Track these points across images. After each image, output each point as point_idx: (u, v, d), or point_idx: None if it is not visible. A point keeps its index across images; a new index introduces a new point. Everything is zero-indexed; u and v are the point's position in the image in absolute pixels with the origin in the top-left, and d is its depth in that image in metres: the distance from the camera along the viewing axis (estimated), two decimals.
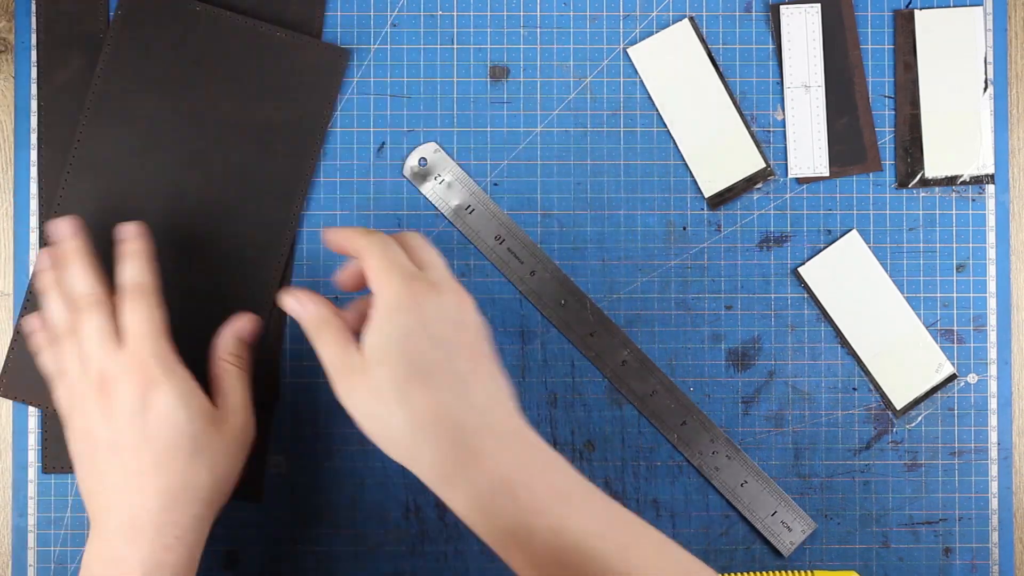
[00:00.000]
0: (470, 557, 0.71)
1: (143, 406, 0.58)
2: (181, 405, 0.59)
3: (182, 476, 0.58)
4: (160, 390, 0.59)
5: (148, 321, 0.61)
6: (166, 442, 0.58)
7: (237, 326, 0.66)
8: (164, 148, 0.70)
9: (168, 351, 0.60)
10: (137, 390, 0.59)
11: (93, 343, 0.60)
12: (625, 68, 0.72)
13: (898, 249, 0.72)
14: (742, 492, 0.71)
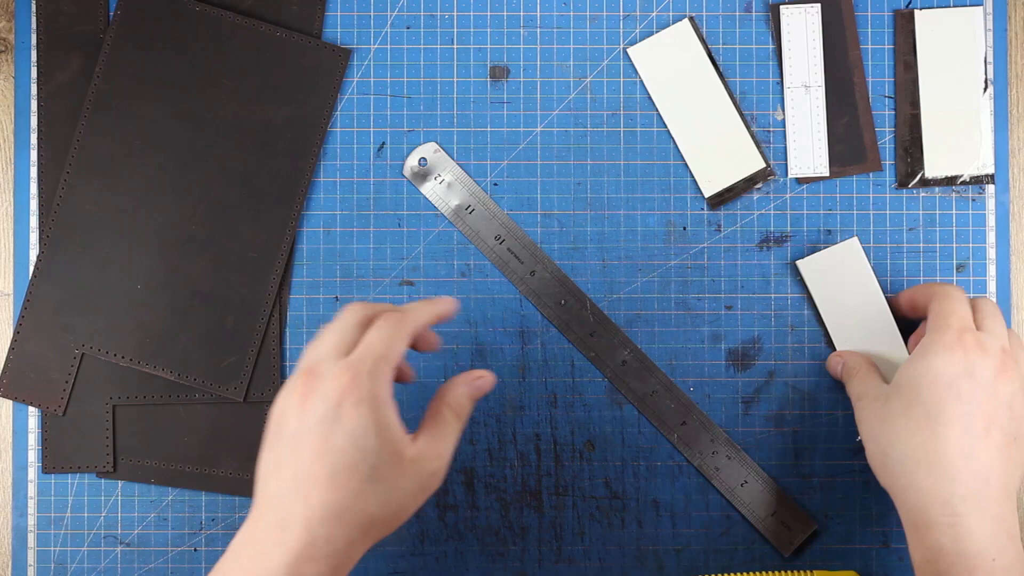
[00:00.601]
0: (470, 557, 0.71)
1: (336, 416, 0.55)
2: (373, 431, 0.55)
3: (350, 498, 0.55)
4: (359, 408, 0.55)
5: (384, 343, 0.57)
6: (345, 460, 0.55)
7: (477, 383, 0.62)
8: (164, 148, 0.70)
9: (386, 379, 0.57)
10: (337, 398, 0.55)
11: (328, 337, 0.58)
12: (625, 68, 0.72)
13: (898, 249, 0.72)
14: (742, 492, 0.71)
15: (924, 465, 0.59)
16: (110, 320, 0.70)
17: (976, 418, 0.59)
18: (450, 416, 0.60)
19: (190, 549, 0.71)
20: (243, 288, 0.71)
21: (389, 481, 0.56)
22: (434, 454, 0.58)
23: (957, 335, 0.60)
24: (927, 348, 0.61)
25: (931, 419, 0.59)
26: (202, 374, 0.70)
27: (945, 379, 0.60)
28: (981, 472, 0.59)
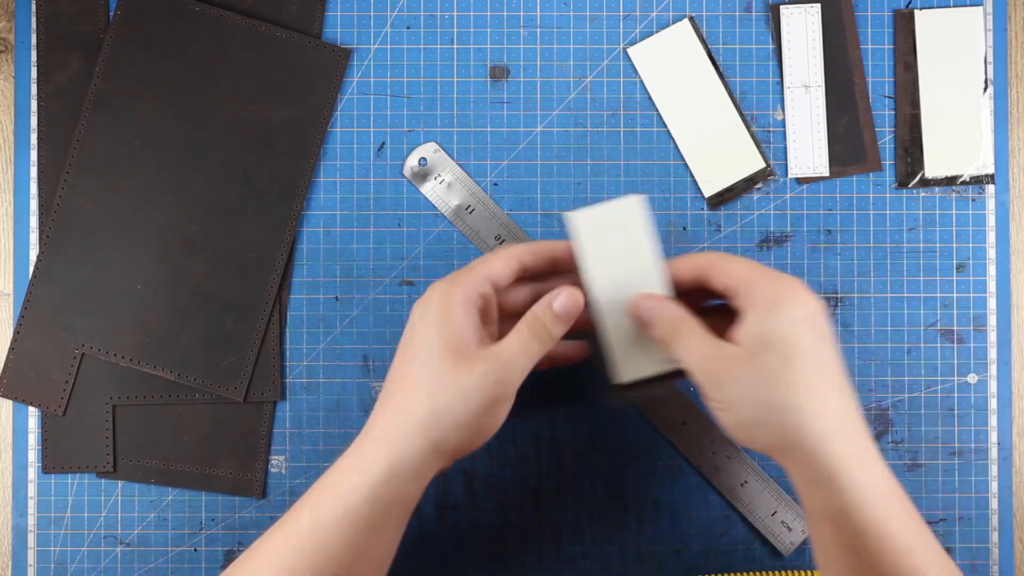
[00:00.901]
0: (470, 557, 0.71)
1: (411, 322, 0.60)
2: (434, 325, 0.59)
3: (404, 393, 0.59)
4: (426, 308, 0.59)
5: (478, 261, 0.61)
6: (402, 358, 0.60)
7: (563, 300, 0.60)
8: (164, 148, 0.70)
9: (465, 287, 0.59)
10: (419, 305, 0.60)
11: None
12: (625, 68, 0.72)
13: (898, 249, 0.72)
14: (742, 492, 0.71)
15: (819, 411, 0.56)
16: (110, 320, 0.70)
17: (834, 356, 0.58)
18: (526, 330, 0.60)
19: (190, 549, 0.71)
20: (243, 288, 0.71)
21: (449, 378, 0.58)
22: (500, 362, 0.59)
23: (790, 283, 0.58)
24: (774, 300, 0.57)
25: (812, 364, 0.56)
26: (202, 374, 0.70)
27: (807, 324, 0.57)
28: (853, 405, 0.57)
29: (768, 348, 0.56)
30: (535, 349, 0.59)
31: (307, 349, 0.71)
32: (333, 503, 0.58)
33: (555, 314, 0.60)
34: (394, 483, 0.58)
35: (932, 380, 0.72)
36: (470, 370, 0.58)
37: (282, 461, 0.71)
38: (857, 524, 0.55)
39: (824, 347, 0.57)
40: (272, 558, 0.58)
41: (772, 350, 0.56)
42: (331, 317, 0.72)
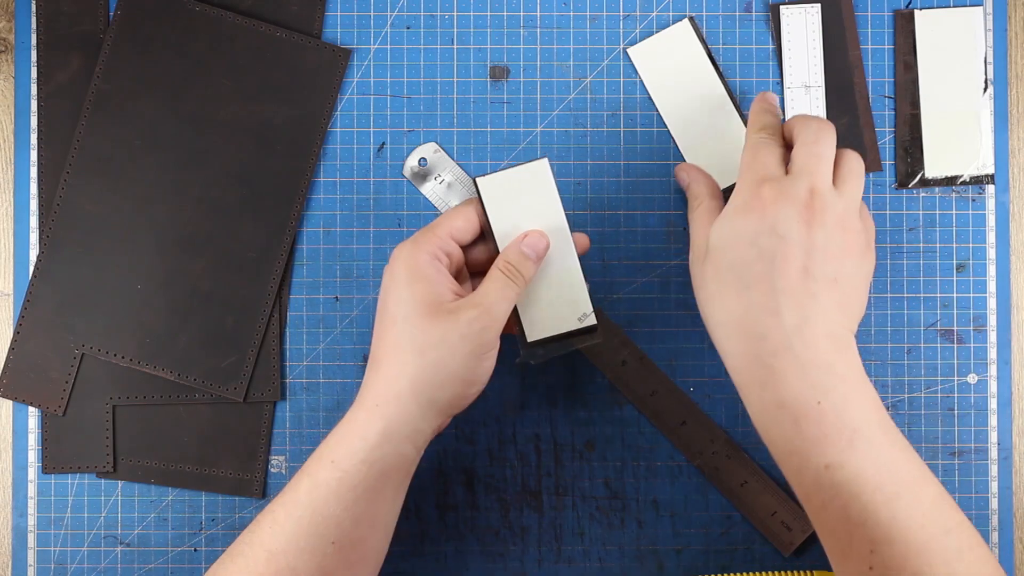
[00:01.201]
0: (470, 557, 0.71)
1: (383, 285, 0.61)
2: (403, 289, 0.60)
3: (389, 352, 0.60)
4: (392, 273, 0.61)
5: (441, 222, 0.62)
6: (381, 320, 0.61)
7: (530, 240, 0.63)
8: (164, 148, 0.70)
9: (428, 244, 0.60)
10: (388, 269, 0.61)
11: None
12: (625, 68, 0.72)
13: (898, 249, 0.72)
14: (742, 492, 0.71)
15: (735, 329, 0.59)
16: (110, 320, 0.70)
17: (783, 272, 0.58)
18: (499, 274, 0.61)
19: (190, 549, 0.71)
20: (243, 288, 0.71)
21: (428, 331, 0.59)
22: (478, 309, 0.59)
23: (754, 190, 0.59)
24: (728, 206, 0.60)
25: (738, 281, 0.58)
26: (202, 374, 0.70)
27: (746, 238, 0.58)
28: (791, 324, 0.57)
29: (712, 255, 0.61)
30: (511, 292, 0.61)
31: (307, 349, 0.71)
32: (330, 470, 0.58)
33: (524, 254, 0.62)
34: (390, 446, 0.59)
35: (932, 380, 0.72)
36: (453, 321, 0.59)
37: (282, 461, 0.71)
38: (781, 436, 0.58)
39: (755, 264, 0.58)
40: (273, 528, 0.59)
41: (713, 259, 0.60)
42: (331, 317, 0.72)
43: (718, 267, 0.60)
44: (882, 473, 0.56)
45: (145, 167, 0.70)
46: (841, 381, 0.57)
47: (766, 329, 0.58)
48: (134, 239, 0.70)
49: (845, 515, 0.55)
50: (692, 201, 0.66)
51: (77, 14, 0.71)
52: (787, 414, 0.57)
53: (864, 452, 0.56)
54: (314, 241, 0.72)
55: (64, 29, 0.71)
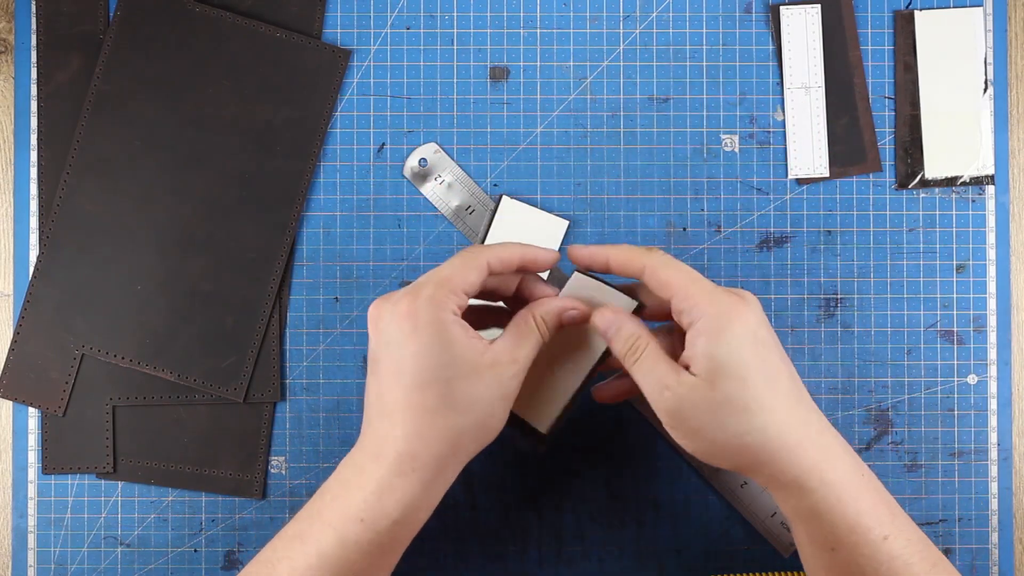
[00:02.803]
0: (470, 558, 0.71)
1: (400, 340, 0.57)
2: (439, 349, 0.57)
3: (429, 415, 0.57)
4: (418, 333, 0.57)
5: (449, 268, 0.59)
6: (417, 379, 0.57)
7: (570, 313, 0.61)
8: (164, 148, 0.70)
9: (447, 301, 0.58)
10: (398, 323, 0.58)
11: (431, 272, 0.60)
12: (625, 68, 0.72)
13: (898, 249, 0.72)
14: (742, 493, 0.71)
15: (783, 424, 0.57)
16: (110, 320, 0.70)
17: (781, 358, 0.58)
18: (533, 326, 0.60)
19: (190, 550, 0.71)
20: (243, 288, 0.71)
21: (469, 391, 0.58)
22: (510, 358, 0.59)
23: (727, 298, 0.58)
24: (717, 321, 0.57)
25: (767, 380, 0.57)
26: (202, 374, 0.70)
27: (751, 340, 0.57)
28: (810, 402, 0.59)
29: (723, 375, 0.56)
30: (538, 342, 0.60)
31: (307, 349, 0.71)
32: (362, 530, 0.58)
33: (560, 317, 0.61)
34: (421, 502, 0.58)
35: (932, 381, 0.72)
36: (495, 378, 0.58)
37: (282, 462, 0.71)
38: (828, 522, 0.57)
39: (771, 360, 0.57)
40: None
41: (727, 376, 0.56)
42: (331, 317, 0.72)
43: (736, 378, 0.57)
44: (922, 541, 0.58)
45: (145, 167, 0.70)
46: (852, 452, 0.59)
47: (806, 412, 0.58)
48: (134, 239, 0.70)
49: None
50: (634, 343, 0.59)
51: (77, 14, 0.71)
52: (846, 490, 0.57)
53: (904, 520, 0.58)
54: (314, 241, 0.72)
55: (64, 29, 0.71)
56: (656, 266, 0.59)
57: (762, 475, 0.58)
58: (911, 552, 0.57)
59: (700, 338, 0.57)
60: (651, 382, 0.58)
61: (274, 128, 0.71)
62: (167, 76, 0.70)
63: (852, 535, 0.57)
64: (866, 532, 0.57)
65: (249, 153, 0.71)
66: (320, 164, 0.71)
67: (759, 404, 0.57)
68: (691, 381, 0.57)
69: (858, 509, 0.57)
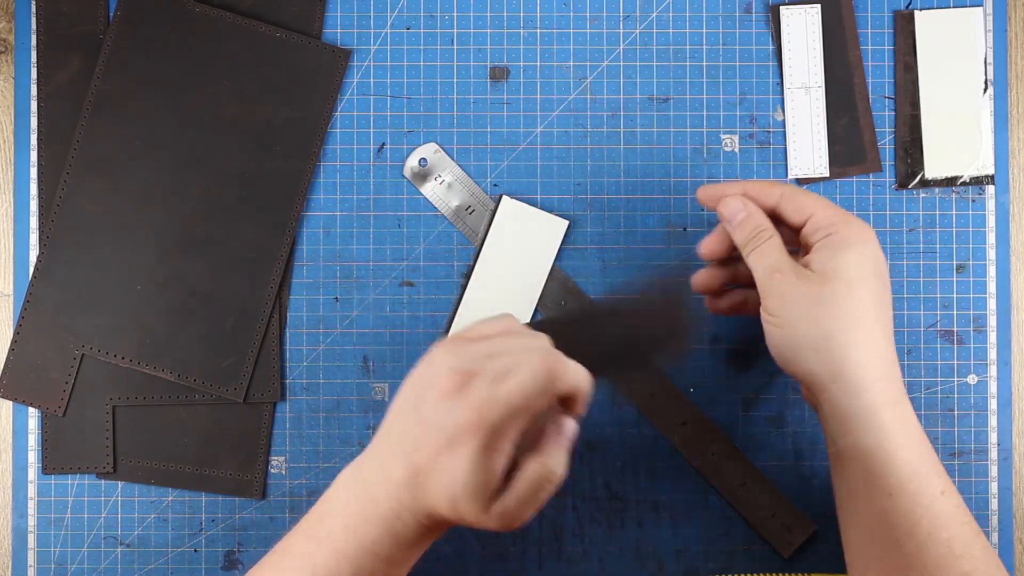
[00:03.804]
0: (470, 557, 0.71)
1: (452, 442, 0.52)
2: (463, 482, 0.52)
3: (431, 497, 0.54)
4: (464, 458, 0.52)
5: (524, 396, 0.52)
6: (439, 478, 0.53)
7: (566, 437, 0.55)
8: (164, 148, 0.70)
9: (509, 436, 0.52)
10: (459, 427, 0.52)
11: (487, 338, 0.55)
12: (625, 68, 0.72)
13: (898, 249, 0.72)
14: (742, 493, 0.71)
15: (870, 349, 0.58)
16: (110, 320, 0.70)
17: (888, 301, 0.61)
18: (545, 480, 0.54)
19: (190, 550, 0.71)
20: (243, 288, 0.71)
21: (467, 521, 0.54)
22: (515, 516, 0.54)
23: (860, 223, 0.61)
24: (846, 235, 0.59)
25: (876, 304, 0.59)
26: (202, 374, 0.70)
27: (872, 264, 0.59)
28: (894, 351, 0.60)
29: (836, 277, 0.59)
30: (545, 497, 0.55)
31: (307, 349, 0.71)
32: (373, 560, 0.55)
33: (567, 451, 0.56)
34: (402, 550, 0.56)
35: (932, 381, 0.72)
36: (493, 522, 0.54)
37: (282, 462, 0.71)
38: (891, 465, 0.57)
39: (884, 292, 0.60)
40: None
41: (839, 279, 0.58)
42: (331, 317, 0.72)
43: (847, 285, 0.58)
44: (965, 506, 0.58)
45: (145, 167, 0.70)
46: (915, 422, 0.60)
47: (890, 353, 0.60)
48: (134, 239, 0.70)
49: (948, 549, 0.56)
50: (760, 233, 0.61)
51: (77, 14, 0.71)
52: (911, 437, 0.58)
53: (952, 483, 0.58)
54: (314, 241, 0.72)
55: (64, 29, 0.71)
56: (793, 193, 0.62)
57: (832, 392, 0.58)
58: (961, 513, 0.57)
59: (829, 247, 0.59)
60: (766, 266, 0.60)
61: (274, 128, 0.71)
62: (167, 76, 0.70)
63: (912, 482, 0.57)
64: (927, 481, 0.57)
65: (249, 153, 0.71)
66: (320, 164, 0.71)
67: (858, 317, 0.58)
68: (805, 273, 0.59)
69: (923, 457, 0.57)
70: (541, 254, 0.71)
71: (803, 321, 0.59)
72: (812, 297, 0.59)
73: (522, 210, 0.71)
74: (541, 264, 0.71)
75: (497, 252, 0.70)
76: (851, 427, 0.58)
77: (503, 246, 0.70)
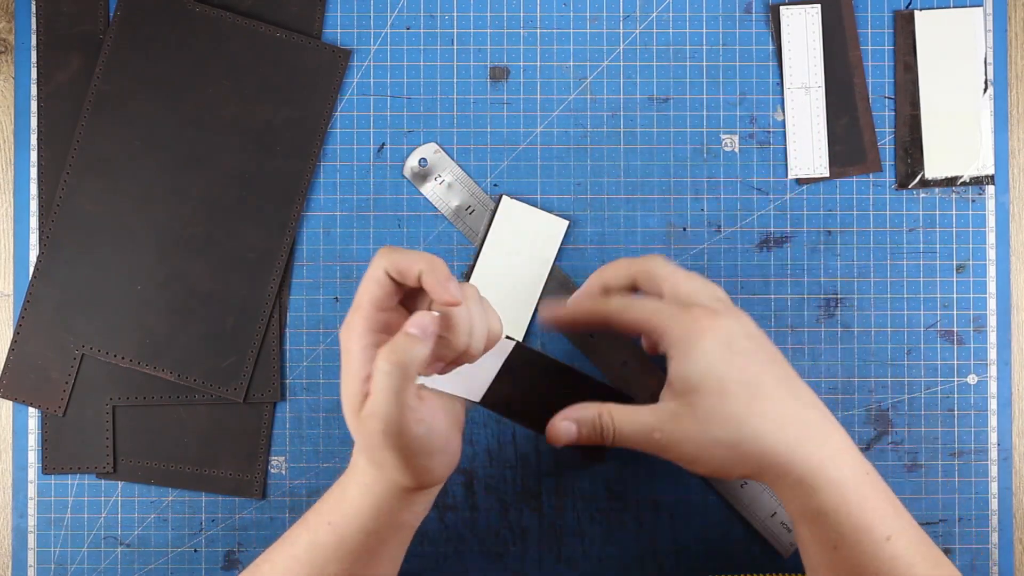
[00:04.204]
0: (470, 558, 0.71)
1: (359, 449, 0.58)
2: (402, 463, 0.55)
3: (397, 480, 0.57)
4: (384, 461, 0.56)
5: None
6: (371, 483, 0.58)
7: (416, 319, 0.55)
8: (164, 148, 0.70)
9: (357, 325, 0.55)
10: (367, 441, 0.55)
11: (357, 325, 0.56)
12: (625, 68, 0.72)
13: (898, 249, 0.72)
14: (742, 493, 0.71)
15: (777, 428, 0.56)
16: (110, 320, 0.70)
17: (770, 364, 0.58)
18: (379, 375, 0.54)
19: (190, 550, 0.71)
20: (243, 288, 0.71)
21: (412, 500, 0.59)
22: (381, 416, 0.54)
23: (692, 318, 0.57)
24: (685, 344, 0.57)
25: (748, 387, 0.56)
26: (202, 374, 0.70)
27: (724, 352, 0.57)
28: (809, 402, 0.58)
29: (699, 392, 0.57)
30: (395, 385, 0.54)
31: (307, 349, 0.71)
32: (328, 532, 0.59)
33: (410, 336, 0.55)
34: (385, 518, 0.58)
35: (932, 381, 0.72)
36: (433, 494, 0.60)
37: (282, 462, 0.71)
38: (833, 521, 0.57)
39: (750, 367, 0.57)
40: None
41: (703, 392, 0.57)
42: (331, 317, 0.72)
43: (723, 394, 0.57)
44: (924, 542, 0.58)
45: (145, 167, 0.70)
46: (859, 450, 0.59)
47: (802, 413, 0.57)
48: (134, 239, 0.70)
49: None
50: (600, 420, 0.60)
51: (77, 14, 0.71)
52: (850, 489, 0.57)
53: (907, 519, 0.58)
54: (314, 241, 0.72)
55: (64, 29, 0.71)
56: (619, 311, 0.59)
57: (769, 477, 0.58)
58: (913, 552, 0.57)
59: (672, 362, 0.58)
60: (640, 438, 0.58)
61: (274, 128, 0.71)
62: (167, 76, 0.70)
63: (855, 534, 0.57)
64: (869, 531, 0.57)
65: (249, 153, 0.71)
66: (320, 164, 0.71)
67: (744, 412, 0.56)
68: (672, 409, 0.57)
69: (862, 508, 0.57)
70: (541, 254, 0.71)
71: (705, 448, 0.57)
72: (694, 423, 0.57)
73: (522, 210, 0.71)
74: (541, 264, 0.71)
75: (497, 252, 0.70)
76: (791, 496, 0.58)
77: (503, 246, 0.70)
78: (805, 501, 0.57)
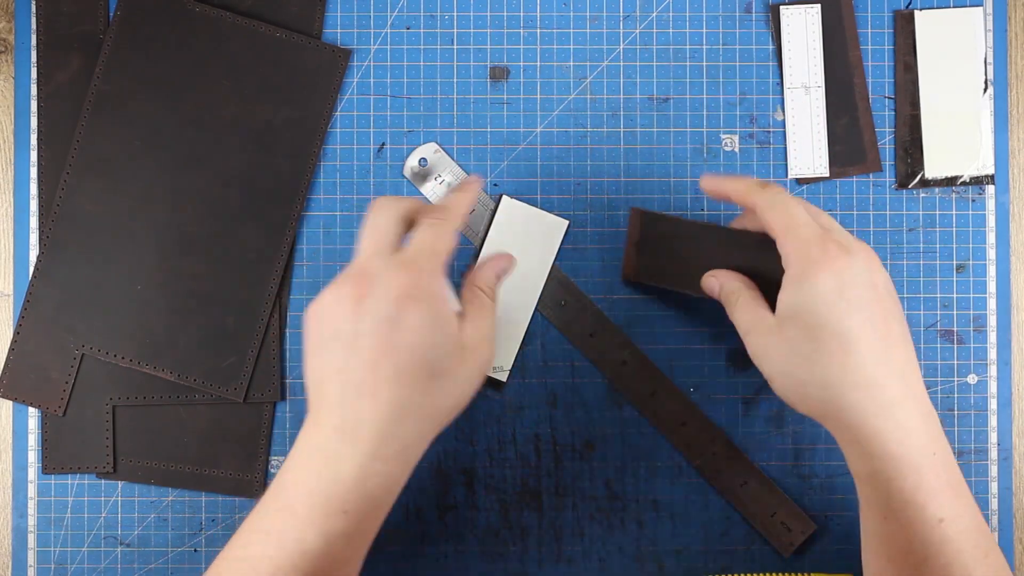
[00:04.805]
0: (470, 558, 0.71)
1: (398, 315, 0.55)
2: (436, 326, 0.56)
3: (419, 395, 0.56)
4: (419, 306, 0.56)
5: (436, 239, 0.58)
6: (410, 359, 0.56)
7: (498, 264, 0.64)
8: (164, 148, 0.70)
9: (441, 274, 0.58)
10: (397, 297, 0.55)
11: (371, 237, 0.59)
12: (625, 68, 0.72)
13: (898, 249, 0.72)
14: (742, 493, 0.71)
15: (849, 384, 0.57)
16: (110, 320, 0.70)
17: (875, 321, 0.57)
18: (485, 298, 0.61)
19: (190, 549, 0.71)
20: (243, 288, 0.71)
21: (451, 374, 0.57)
22: (483, 338, 0.59)
23: (821, 249, 0.58)
24: (802, 270, 0.58)
25: (838, 337, 0.57)
26: (202, 374, 0.70)
27: (833, 295, 0.57)
28: (898, 370, 0.57)
29: (794, 323, 0.58)
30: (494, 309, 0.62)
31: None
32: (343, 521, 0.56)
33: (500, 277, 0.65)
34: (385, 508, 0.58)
35: (932, 380, 0.72)
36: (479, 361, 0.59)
37: (282, 462, 0.71)
38: (884, 491, 0.57)
39: (853, 316, 0.57)
40: None
41: (794, 325, 0.58)
42: None
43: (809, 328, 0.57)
44: (980, 529, 0.57)
45: (145, 167, 0.70)
46: (939, 429, 0.58)
47: (880, 378, 0.57)
48: (134, 239, 0.70)
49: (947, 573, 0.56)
50: (731, 296, 0.62)
51: (77, 14, 0.71)
52: (908, 465, 0.56)
53: (965, 505, 0.57)
54: (314, 241, 0.72)
55: (64, 29, 0.71)
56: (764, 207, 0.60)
57: (829, 426, 0.59)
58: (964, 539, 0.56)
59: (785, 282, 0.59)
60: (741, 326, 0.61)
61: (274, 128, 0.71)
62: (167, 76, 0.70)
63: (906, 510, 0.56)
64: (921, 509, 0.56)
65: (249, 153, 0.71)
66: (320, 164, 0.71)
67: (825, 360, 0.57)
68: (768, 324, 0.60)
69: (917, 485, 0.56)
70: (541, 254, 0.71)
71: (781, 374, 0.59)
72: (780, 349, 0.59)
73: (522, 210, 0.71)
74: (541, 264, 0.71)
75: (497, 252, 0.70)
76: (852, 453, 0.58)
77: (503, 246, 0.70)
78: (860, 462, 0.58)
